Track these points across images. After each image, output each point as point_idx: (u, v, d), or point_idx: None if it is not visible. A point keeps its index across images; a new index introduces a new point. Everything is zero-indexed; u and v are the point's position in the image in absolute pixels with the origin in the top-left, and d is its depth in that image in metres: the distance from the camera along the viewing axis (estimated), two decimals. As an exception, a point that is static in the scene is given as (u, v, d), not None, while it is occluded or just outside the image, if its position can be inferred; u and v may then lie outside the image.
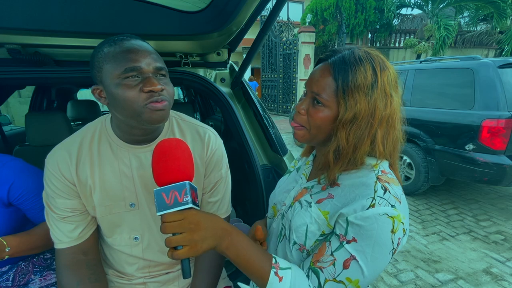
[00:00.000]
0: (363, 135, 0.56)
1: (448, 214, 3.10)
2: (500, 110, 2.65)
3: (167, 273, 0.86)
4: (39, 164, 0.75)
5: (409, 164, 3.44)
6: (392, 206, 0.52)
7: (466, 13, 10.79)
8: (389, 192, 0.53)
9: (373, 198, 0.52)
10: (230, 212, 0.91)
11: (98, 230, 0.80)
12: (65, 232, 0.72)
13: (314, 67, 0.65)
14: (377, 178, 0.55)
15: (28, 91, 3.00)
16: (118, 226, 0.77)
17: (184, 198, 0.50)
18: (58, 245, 0.73)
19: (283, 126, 8.43)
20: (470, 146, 2.81)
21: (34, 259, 0.94)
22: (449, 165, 3.03)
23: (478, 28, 11.37)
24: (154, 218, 0.79)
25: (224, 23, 1.01)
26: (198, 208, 0.54)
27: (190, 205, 0.50)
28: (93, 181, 0.72)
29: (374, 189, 0.53)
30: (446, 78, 3.12)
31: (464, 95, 2.92)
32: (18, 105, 5.54)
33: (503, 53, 9.98)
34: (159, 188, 0.51)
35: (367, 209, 0.51)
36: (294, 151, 0.95)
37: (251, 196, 1.36)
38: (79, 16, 0.96)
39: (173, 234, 0.50)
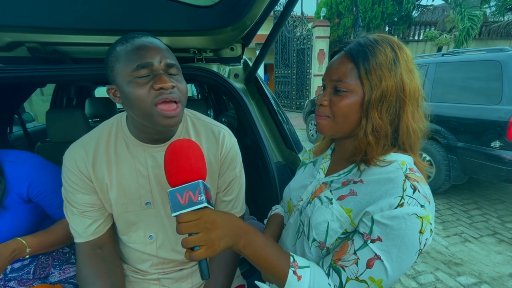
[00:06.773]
0: (396, 111, 0.56)
1: (470, 215, 2.95)
2: (530, 105, 2.48)
3: (180, 269, 0.87)
4: (59, 160, 0.77)
5: (429, 162, 3.30)
6: (422, 206, 0.50)
7: (492, 2, 10.13)
8: (418, 191, 0.51)
9: (402, 197, 0.50)
10: (244, 211, 0.90)
11: (114, 226, 0.81)
12: (82, 227, 0.74)
13: (329, 60, 0.64)
14: (406, 176, 0.53)
15: (50, 89, 3.11)
16: (133, 224, 0.78)
17: (199, 198, 0.49)
18: (77, 239, 0.75)
19: (296, 123, 8.30)
20: (496, 143, 2.66)
21: (54, 253, 0.97)
22: (473, 163, 2.88)
23: (506, 18, 10.67)
24: (168, 217, 0.79)
25: (238, 17, 0.99)
26: (213, 208, 0.53)
27: (205, 204, 0.50)
28: (110, 180, 0.73)
29: (403, 188, 0.51)
30: (470, 71, 2.95)
31: (490, 89, 2.75)
32: (41, 103, 5.77)
33: (533, 44, 9.35)
34: (173, 188, 0.51)
35: (395, 208, 0.49)
36: (309, 147, 0.94)
37: (264, 194, 1.34)
38: (94, 14, 0.97)
39: (189, 235, 0.49)
